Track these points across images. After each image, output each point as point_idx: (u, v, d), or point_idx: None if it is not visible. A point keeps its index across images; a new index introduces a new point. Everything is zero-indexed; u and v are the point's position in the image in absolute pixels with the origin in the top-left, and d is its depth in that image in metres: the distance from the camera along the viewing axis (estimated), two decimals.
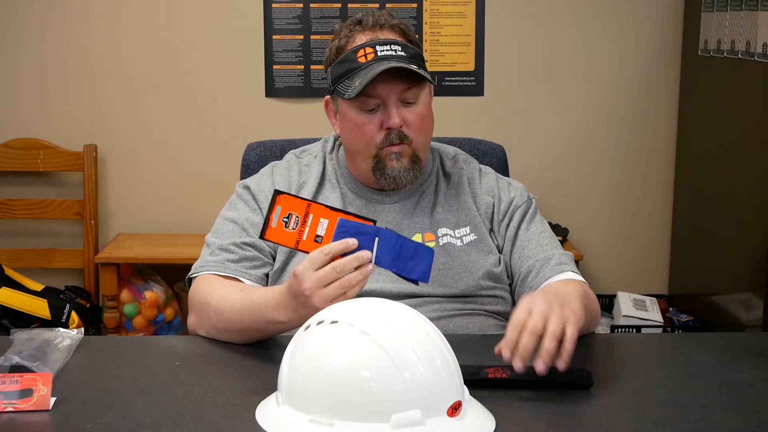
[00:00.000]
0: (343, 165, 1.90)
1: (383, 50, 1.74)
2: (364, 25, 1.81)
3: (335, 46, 1.82)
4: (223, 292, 1.70)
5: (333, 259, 1.48)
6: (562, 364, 1.41)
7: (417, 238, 1.85)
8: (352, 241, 1.49)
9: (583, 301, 1.63)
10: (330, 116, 1.88)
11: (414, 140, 1.79)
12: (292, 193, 1.84)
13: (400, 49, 1.76)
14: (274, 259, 1.84)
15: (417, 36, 1.87)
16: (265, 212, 1.83)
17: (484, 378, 1.46)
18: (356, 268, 1.49)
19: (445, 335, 1.75)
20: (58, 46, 3.57)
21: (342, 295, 1.48)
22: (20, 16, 3.55)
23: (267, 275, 1.83)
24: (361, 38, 1.79)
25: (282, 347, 1.41)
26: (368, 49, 1.75)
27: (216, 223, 1.88)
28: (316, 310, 1.43)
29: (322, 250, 1.49)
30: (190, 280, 1.82)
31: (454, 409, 1.29)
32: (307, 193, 1.86)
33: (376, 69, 1.71)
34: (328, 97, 1.87)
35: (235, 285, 1.74)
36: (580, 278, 1.81)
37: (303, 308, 1.51)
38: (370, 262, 1.50)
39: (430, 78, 1.78)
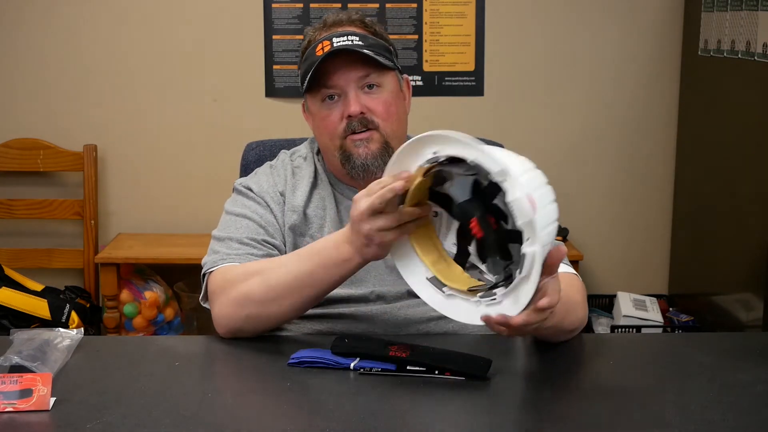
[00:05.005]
0: (328, 168, 1.90)
1: (339, 41, 1.76)
2: (327, 23, 1.83)
3: (302, 48, 1.85)
4: (268, 261, 1.69)
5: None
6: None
7: None
8: (405, 174, 1.47)
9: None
10: (306, 118, 1.89)
11: (381, 126, 1.79)
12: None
13: (357, 39, 1.77)
14: None
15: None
16: (275, 213, 1.83)
17: (385, 354, 1.49)
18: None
19: (445, 335, 1.77)
20: (58, 46, 3.57)
21: (391, 230, 1.47)
22: (20, 17, 3.55)
23: None
24: (321, 35, 1.81)
25: (282, 348, 1.42)
26: (325, 43, 1.76)
27: (224, 220, 1.84)
28: (369, 242, 1.49)
29: (378, 182, 1.48)
30: (204, 275, 1.78)
31: None
32: (301, 193, 1.85)
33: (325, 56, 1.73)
34: (303, 101, 1.88)
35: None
36: (570, 269, 1.79)
37: (358, 239, 1.51)
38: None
39: (386, 63, 1.78)
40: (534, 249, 1.32)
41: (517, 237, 1.36)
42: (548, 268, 1.37)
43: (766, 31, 2.85)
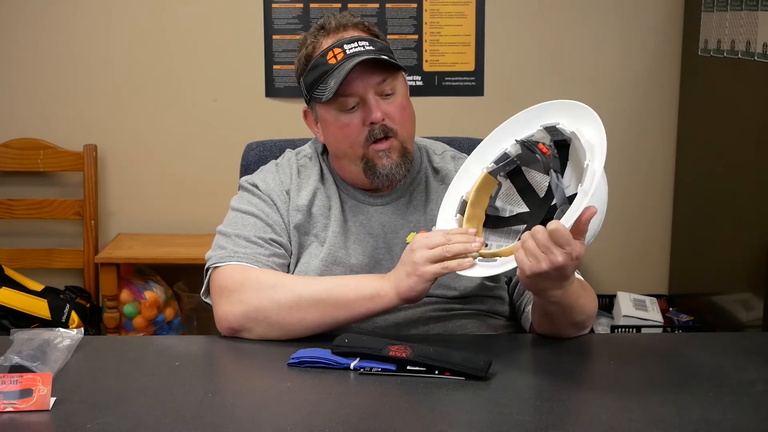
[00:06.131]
0: (333, 168, 1.89)
1: (351, 48, 1.75)
2: (328, 28, 1.81)
3: (303, 56, 1.82)
4: (298, 276, 1.77)
5: None
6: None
7: (412, 237, 1.84)
8: (472, 230, 1.63)
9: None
10: (311, 126, 1.88)
11: (399, 132, 1.79)
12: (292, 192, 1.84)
13: (367, 44, 1.76)
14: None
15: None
16: (281, 211, 1.83)
17: (385, 354, 1.50)
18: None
19: (445, 335, 1.77)
20: (58, 46, 3.57)
21: (442, 261, 1.58)
22: (20, 17, 3.55)
23: None
24: (327, 42, 1.79)
25: (282, 348, 1.41)
26: (336, 50, 1.75)
27: (231, 216, 1.84)
28: (413, 271, 1.58)
29: (442, 230, 1.64)
30: (208, 270, 1.78)
31: None
32: (306, 192, 1.85)
33: (348, 65, 1.72)
34: (305, 108, 1.87)
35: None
36: (580, 277, 1.80)
37: (402, 268, 1.61)
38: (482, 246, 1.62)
39: (402, 66, 1.79)
40: (595, 165, 1.48)
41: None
42: (577, 226, 1.47)
43: (766, 31, 2.85)
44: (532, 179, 1.71)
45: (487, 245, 1.68)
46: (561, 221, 1.48)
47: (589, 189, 1.46)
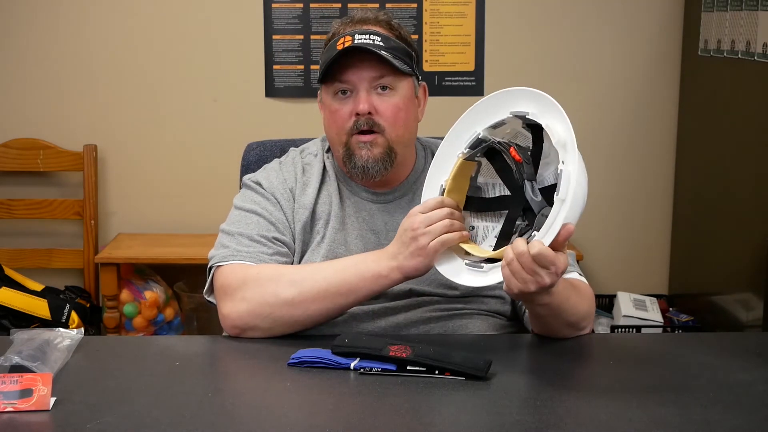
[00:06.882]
0: (337, 164, 1.90)
1: (361, 38, 1.76)
2: (354, 20, 1.84)
3: (326, 41, 1.86)
4: (300, 266, 1.75)
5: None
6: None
7: None
8: (449, 201, 1.64)
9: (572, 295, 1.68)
10: (321, 110, 1.89)
11: (387, 131, 1.79)
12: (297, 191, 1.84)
13: (379, 39, 1.77)
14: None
15: (414, 36, 1.88)
16: (284, 209, 1.83)
17: (385, 354, 1.50)
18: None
19: (445, 335, 1.77)
20: (58, 46, 3.57)
21: (445, 235, 1.59)
22: (21, 17, 3.55)
23: None
24: (345, 30, 1.82)
25: (282, 348, 1.41)
26: (347, 38, 1.77)
27: (234, 215, 1.84)
28: (418, 252, 1.58)
29: (435, 198, 1.64)
30: (211, 269, 1.78)
31: None
32: (311, 190, 1.85)
33: (342, 51, 1.75)
34: (319, 91, 1.89)
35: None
36: (580, 277, 1.80)
37: (406, 249, 1.60)
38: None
39: (402, 67, 1.78)
40: (569, 168, 1.48)
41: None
42: (557, 243, 1.47)
43: (766, 31, 2.85)
44: (510, 158, 1.69)
45: (472, 228, 1.68)
46: (541, 238, 1.48)
47: (566, 196, 1.48)
